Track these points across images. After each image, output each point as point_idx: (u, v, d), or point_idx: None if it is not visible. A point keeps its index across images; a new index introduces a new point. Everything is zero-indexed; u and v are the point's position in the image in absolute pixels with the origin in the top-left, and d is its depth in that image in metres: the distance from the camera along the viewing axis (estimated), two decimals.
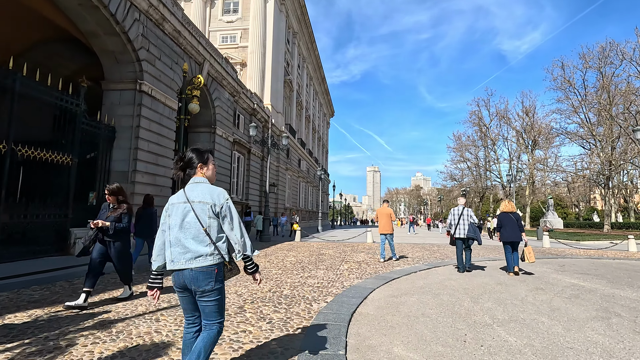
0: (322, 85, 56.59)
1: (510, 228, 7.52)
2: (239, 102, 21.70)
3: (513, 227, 7.54)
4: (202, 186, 2.27)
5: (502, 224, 7.65)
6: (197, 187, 2.26)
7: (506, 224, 7.60)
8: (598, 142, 29.63)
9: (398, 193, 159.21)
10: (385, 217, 10.12)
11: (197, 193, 2.23)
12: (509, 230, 7.53)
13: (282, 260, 9.03)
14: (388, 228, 10.01)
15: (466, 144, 54.75)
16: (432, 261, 9.44)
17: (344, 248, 13.43)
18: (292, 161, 34.19)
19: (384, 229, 10.00)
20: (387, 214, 10.14)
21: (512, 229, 7.50)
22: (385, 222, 10.04)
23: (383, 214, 10.20)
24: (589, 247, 16.79)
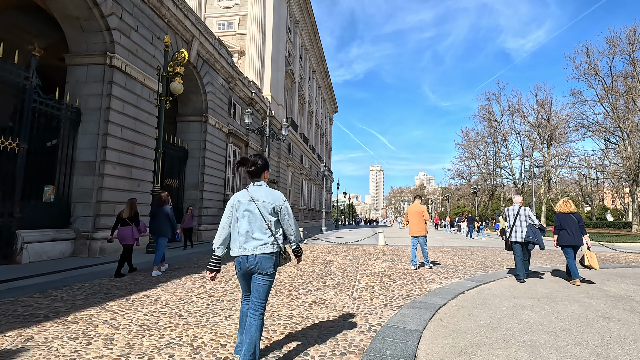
0: (325, 80, 54.56)
1: (571, 230, 6.55)
2: (235, 90, 19.72)
3: (575, 230, 6.56)
4: (265, 189, 2.77)
5: (561, 225, 6.70)
6: (260, 189, 2.75)
7: (567, 226, 6.63)
8: (626, 135, 27.40)
9: (402, 192, 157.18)
10: (416, 216, 8.20)
11: (261, 194, 2.72)
12: (571, 233, 6.55)
13: (279, 272, 7.03)
14: (420, 229, 8.12)
15: (475, 140, 52.63)
16: (474, 273, 7.40)
17: (354, 253, 11.42)
18: (293, 157, 32.21)
19: (415, 230, 8.15)
20: (418, 212, 8.20)
21: (574, 232, 6.54)
22: (417, 222, 8.17)
23: (414, 212, 8.27)
24: (632, 249, 14.72)
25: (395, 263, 8.82)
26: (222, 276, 6.49)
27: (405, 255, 10.71)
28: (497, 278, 6.57)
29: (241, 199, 2.72)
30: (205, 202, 15.97)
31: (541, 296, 5.17)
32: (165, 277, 6.49)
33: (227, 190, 18.48)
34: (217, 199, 17.11)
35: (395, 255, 10.65)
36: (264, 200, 2.68)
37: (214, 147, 16.66)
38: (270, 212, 2.67)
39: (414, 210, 8.31)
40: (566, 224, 6.67)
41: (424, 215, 8.18)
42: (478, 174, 53.83)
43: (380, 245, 14.54)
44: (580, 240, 6.59)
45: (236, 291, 5.29)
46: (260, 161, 2.77)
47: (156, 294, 5.05)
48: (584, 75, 30.09)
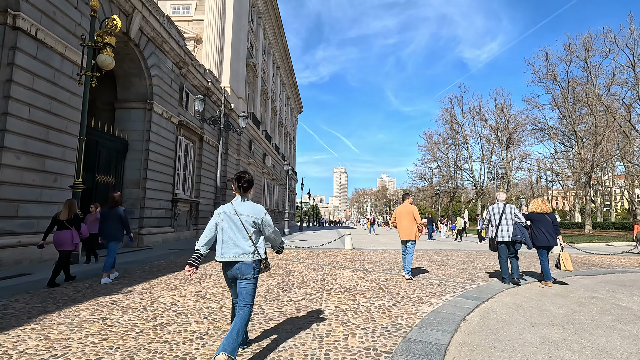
0: (290, 77, 52.98)
1: (546, 231, 6.42)
2: (188, 77, 17.67)
3: (549, 230, 6.43)
4: (248, 203, 3.10)
5: (535, 225, 6.55)
6: (244, 204, 3.08)
7: (541, 226, 6.48)
8: (579, 139, 28.36)
9: (365, 194, 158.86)
10: (407, 217, 6.93)
11: (244, 208, 3.05)
12: (545, 233, 6.41)
13: (223, 292, 5.46)
14: (409, 233, 6.86)
15: (437, 142, 53.48)
16: (463, 286, 6.24)
17: (319, 260, 10.01)
18: (255, 155, 30.34)
19: (405, 234, 6.90)
20: (409, 212, 6.93)
21: (548, 232, 6.41)
22: (407, 225, 6.90)
23: (404, 213, 6.98)
24: (597, 250, 14.58)
25: (368, 273, 7.49)
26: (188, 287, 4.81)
27: (377, 262, 9.46)
28: (493, 293, 5.42)
29: (226, 210, 3.04)
30: (149, 201, 13.87)
31: (562, 321, 4.03)
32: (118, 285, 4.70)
33: (177, 189, 16.40)
34: (164, 198, 15.03)
35: (365, 262, 9.36)
36: (247, 213, 3.00)
37: (161, 139, 14.59)
38: (251, 224, 2.98)
39: (404, 210, 7.00)
40: (541, 224, 6.50)
41: (415, 216, 6.89)
42: (440, 176, 54.78)
43: (348, 250, 13.25)
44: (555, 241, 6.45)
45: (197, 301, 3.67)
46: (251, 180, 3.14)
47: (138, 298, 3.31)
48: (542, 79, 30.97)
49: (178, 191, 16.57)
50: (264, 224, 3.04)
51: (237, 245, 2.92)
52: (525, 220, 6.52)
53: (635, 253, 13.60)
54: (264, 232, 3.06)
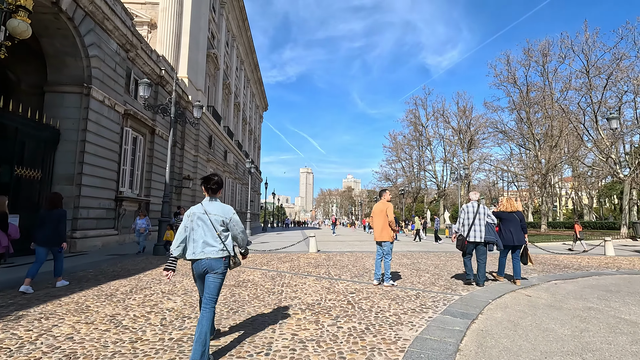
0: (255, 73, 51.25)
1: (514, 230, 6.45)
2: (137, 63, 15.90)
3: (517, 229, 6.47)
4: (217, 203, 3.24)
5: (504, 224, 6.58)
6: (213, 204, 3.21)
7: (509, 225, 6.50)
8: (537, 142, 29.31)
9: (331, 194, 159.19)
10: (380, 216, 6.14)
11: (213, 208, 3.17)
12: (513, 233, 6.44)
13: (150, 313, 4.25)
14: (380, 233, 6.13)
15: (402, 143, 54.01)
16: (444, 297, 5.42)
17: (279, 265, 8.92)
18: (216, 152, 28.60)
19: (377, 234, 6.22)
20: (382, 210, 6.13)
21: (516, 231, 6.45)
22: (378, 224, 6.18)
23: (377, 211, 6.23)
24: (560, 250, 14.67)
25: (334, 282, 6.51)
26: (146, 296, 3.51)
27: (344, 267, 8.53)
28: (480, 306, 4.62)
29: (196, 211, 3.18)
30: (85, 200, 12.08)
31: (576, 347, 3.23)
32: None
33: (122, 186, 14.61)
34: (106, 196, 13.24)
35: (331, 268, 8.40)
36: (216, 213, 3.15)
37: (102, 129, 12.81)
38: (220, 223, 3.13)
39: (377, 208, 6.24)
40: (510, 223, 6.45)
41: (388, 213, 6.02)
42: (404, 177, 55.38)
43: (312, 253, 12.26)
44: (522, 240, 6.43)
45: None
46: (220, 181, 3.32)
47: None
48: (503, 83, 31.77)
49: (123, 189, 14.78)
50: (232, 223, 3.19)
51: (207, 243, 3.06)
52: (495, 220, 6.46)
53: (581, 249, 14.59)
54: (232, 231, 3.21)
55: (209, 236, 3.06)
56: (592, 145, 24.66)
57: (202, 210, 3.14)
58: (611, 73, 22.93)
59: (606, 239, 13.80)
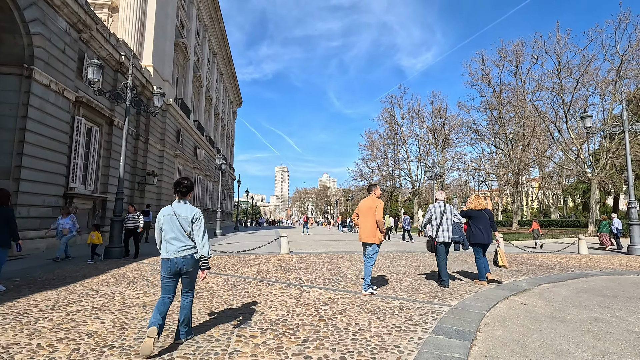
0: (229, 67, 49.55)
1: (483, 228, 6.32)
2: (92, 45, 14.41)
3: (486, 227, 6.34)
4: (186, 205, 3.42)
5: (473, 222, 6.43)
6: (183, 206, 3.40)
7: (478, 223, 6.37)
8: (509, 141, 29.68)
9: (306, 193, 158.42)
10: (367, 214, 5.42)
11: (182, 210, 3.37)
12: (482, 231, 6.32)
13: (66, 337, 3.27)
14: (367, 233, 5.37)
15: (378, 142, 53.97)
16: (431, 308, 4.70)
17: (245, 270, 8.00)
18: (185, 147, 27.07)
19: (363, 235, 5.42)
20: (370, 208, 5.42)
21: (485, 229, 6.32)
22: (365, 223, 5.43)
23: (363, 208, 5.52)
24: (526, 248, 14.53)
25: (305, 290, 5.68)
26: None
27: (317, 271, 7.71)
28: (476, 320, 3.91)
29: (167, 213, 3.36)
30: (26, 197, 10.65)
31: None
32: None
33: (72, 182, 13.14)
34: (52, 192, 11.79)
35: (303, 272, 7.56)
36: (184, 215, 3.33)
37: (47, 117, 11.36)
38: (188, 224, 3.33)
39: (364, 205, 5.49)
40: (478, 221, 6.33)
41: (377, 211, 5.28)
42: (379, 175, 55.39)
43: (283, 254, 11.38)
44: (490, 238, 6.29)
45: None
46: (190, 184, 3.48)
47: None
48: (477, 82, 32.00)
49: (74, 184, 13.31)
50: (195, 225, 3.36)
51: (180, 242, 3.27)
52: (462, 220, 6.32)
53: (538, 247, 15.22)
54: (193, 232, 3.34)
55: (180, 236, 3.26)
56: (563, 145, 25.14)
57: (172, 212, 3.34)
58: (582, 74, 23.40)
59: (580, 238, 13.82)
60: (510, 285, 6.03)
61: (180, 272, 3.25)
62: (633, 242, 13.26)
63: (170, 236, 3.26)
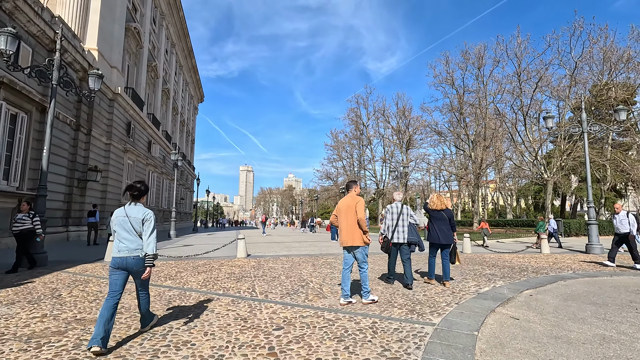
0: (189, 60, 47.04)
1: (443, 228, 6.21)
2: (18, 19, 12.43)
3: (446, 227, 6.23)
4: (139, 207, 3.53)
5: (433, 222, 6.32)
6: (135, 208, 3.51)
7: (437, 223, 6.25)
8: (471, 142, 30.22)
9: (271, 193, 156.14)
10: (348, 213, 4.86)
11: (134, 211, 3.48)
12: (442, 231, 6.19)
13: None
14: (349, 236, 4.80)
15: (343, 142, 53.69)
16: (413, 327, 3.85)
17: (190, 279, 6.81)
18: (137, 142, 24.90)
19: (345, 238, 4.85)
20: (349, 206, 4.89)
21: (444, 229, 6.20)
22: (346, 225, 4.87)
23: (343, 208, 4.96)
24: (499, 249, 14.39)
25: (256, 306, 4.64)
26: None
27: (274, 279, 6.69)
28: (469, 346, 3.09)
29: (119, 215, 3.48)
30: None
31: None
32: None
33: None
34: None
35: (258, 281, 6.50)
36: (135, 216, 3.45)
37: None
38: (139, 224, 3.44)
39: (344, 204, 4.96)
40: (438, 221, 6.23)
41: (357, 210, 4.68)
42: (345, 175, 55.12)
43: (240, 259, 10.22)
44: (451, 238, 6.21)
45: None
46: (142, 188, 3.60)
47: None
48: (441, 84, 32.36)
49: None
50: (146, 225, 3.46)
51: (130, 242, 3.37)
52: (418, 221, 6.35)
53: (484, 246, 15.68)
54: (144, 232, 3.43)
55: (131, 237, 3.40)
56: (522, 147, 25.86)
57: (124, 213, 3.48)
58: (540, 78, 24.13)
59: (542, 237, 13.84)
60: (492, 293, 5.36)
61: (130, 271, 3.37)
62: (590, 242, 13.43)
63: (123, 236, 3.39)
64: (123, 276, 3.36)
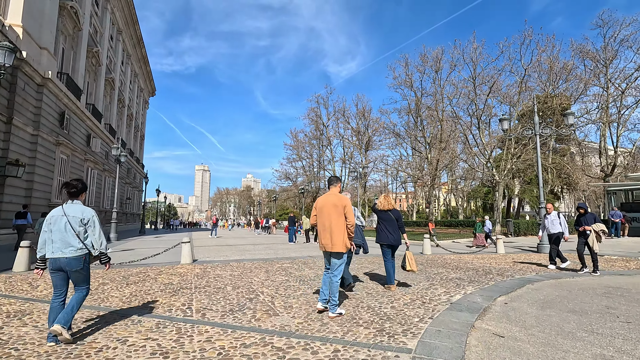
0: (138, 50, 43.82)
1: (390, 228, 5.96)
2: None
3: (393, 228, 5.97)
4: (78, 206, 3.46)
5: (381, 222, 6.08)
6: (74, 206, 3.44)
7: (385, 223, 6.03)
8: (427, 144, 30.75)
9: (228, 193, 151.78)
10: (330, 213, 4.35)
11: (73, 210, 3.41)
12: (389, 231, 5.95)
13: None
14: (333, 239, 4.25)
15: (303, 142, 52.98)
16: (386, 355, 3.06)
17: (112, 292, 5.62)
18: (73, 134, 22.32)
19: (324, 239, 4.32)
20: (335, 206, 4.36)
21: (392, 230, 5.95)
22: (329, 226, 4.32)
23: (326, 207, 4.42)
24: (452, 249, 14.35)
25: (187, 330, 3.64)
26: None
27: (218, 290, 5.68)
28: None
29: (56, 214, 3.39)
30: None
31: None
32: None
33: None
34: None
35: (198, 294, 5.46)
36: (74, 215, 3.37)
37: None
38: (78, 224, 3.37)
39: (327, 202, 4.39)
40: (385, 221, 6.05)
41: (346, 213, 4.23)
42: (304, 176, 54.43)
43: (184, 265, 9.02)
44: (399, 240, 5.99)
45: None
46: (80, 185, 3.52)
47: None
48: (400, 86, 32.66)
49: None
50: (90, 225, 3.43)
51: (66, 243, 3.30)
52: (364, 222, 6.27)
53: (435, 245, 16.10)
54: (88, 233, 3.42)
55: (69, 236, 3.31)
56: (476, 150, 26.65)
57: (62, 212, 3.39)
58: (493, 84, 24.98)
59: (498, 237, 13.99)
60: (466, 303, 4.78)
61: (64, 270, 3.31)
62: (542, 241, 13.73)
63: (57, 236, 3.31)
64: (61, 276, 3.35)
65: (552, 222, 9.17)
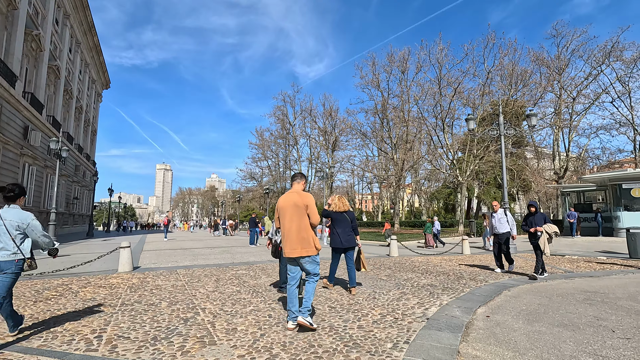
0: (89, 37, 40.55)
1: (343, 231, 5.80)
2: None
3: (347, 230, 5.83)
4: (15, 210, 3.41)
5: (334, 225, 5.88)
6: (11, 211, 3.38)
7: (339, 226, 5.83)
8: (394, 145, 30.68)
9: (191, 194, 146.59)
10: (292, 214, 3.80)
11: (10, 214, 3.34)
12: (344, 234, 5.79)
13: None
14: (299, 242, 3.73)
15: (269, 141, 51.68)
16: None
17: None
18: (6, 127, 19.81)
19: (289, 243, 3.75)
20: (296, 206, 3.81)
21: (347, 232, 5.81)
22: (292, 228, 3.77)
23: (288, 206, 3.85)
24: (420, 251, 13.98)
25: None
26: None
27: (150, 307, 4.63)
28: None
29: None
30: None
31: None
32: None
33: None
34: None
35: (120, 313, 4.37)
36: (11, 219, 3.31)
37: None
38: (15, 228, 3.31)
39: (289, 201, 3.85)
40: (339, 223, 5.87)
41: (309, 212, 3.77)
42: (269, 176, 53.12)
43: (121, 273, 7.77)
44: (354, 241, 5.87)
45: None
46: (17, 190, 3.48)
47: None
48: (367, 85, 32.42)
49: None
50: (30, 229, 3.39)
51: (1, 247, 3.25)
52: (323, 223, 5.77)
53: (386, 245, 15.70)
54: (31, 236, 3.41)
55: (5, 240, 3.26)
56: (440, 151, 26.85)
57: None
58: (458, 85, 25.25)
59: (464, 238, 13.76)
60: (445, 319, 4.07)
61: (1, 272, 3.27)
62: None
63: None
64: None
65: (499, 220, 8.50)
